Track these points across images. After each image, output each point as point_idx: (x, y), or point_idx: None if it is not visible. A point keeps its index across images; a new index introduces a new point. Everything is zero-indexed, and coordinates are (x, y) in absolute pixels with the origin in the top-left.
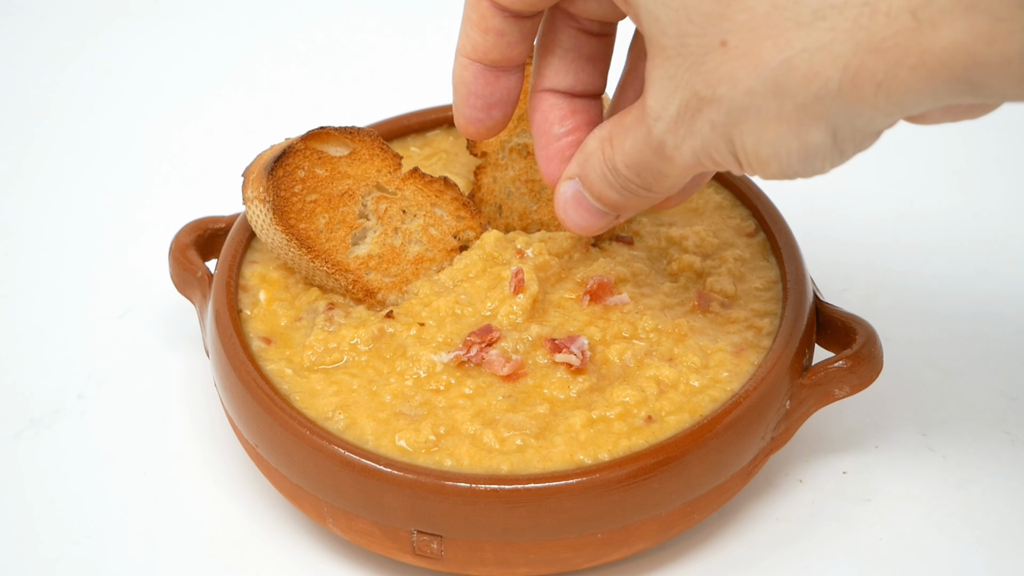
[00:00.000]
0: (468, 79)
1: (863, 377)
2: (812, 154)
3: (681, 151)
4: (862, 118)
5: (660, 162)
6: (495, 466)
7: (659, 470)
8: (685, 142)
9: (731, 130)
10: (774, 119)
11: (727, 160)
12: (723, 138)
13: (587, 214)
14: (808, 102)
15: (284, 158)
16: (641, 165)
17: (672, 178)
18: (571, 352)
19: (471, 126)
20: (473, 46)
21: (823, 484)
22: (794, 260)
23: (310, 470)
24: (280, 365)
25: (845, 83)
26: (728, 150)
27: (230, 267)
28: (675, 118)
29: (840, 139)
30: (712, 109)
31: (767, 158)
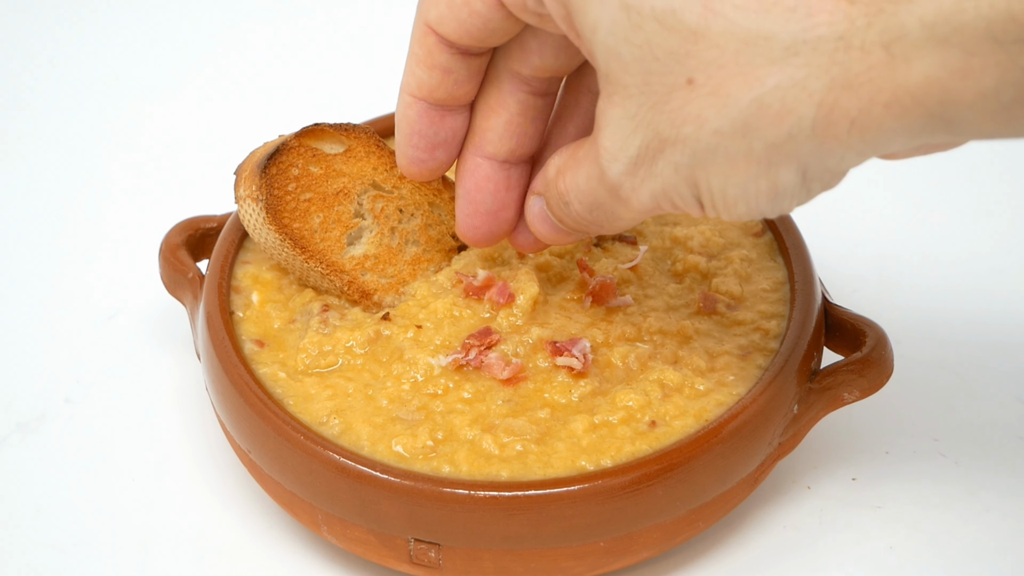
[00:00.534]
0: (412, 118)
1: (873, 381)
2: (780, 194)
3: (639, 194)
4: (833, 157)
5: (614, 203)
6: (495, 472)
7: (663, 476)
8: (644, 185)
9: (696, 172)
10: (743, 159)
11: (688, 203)
12: (686, 181)
13: (551, 231)
14: (780, 141)
15: (277, 156)
16: (594, 203)
17: (625, 220)
18: (573, 355)
19: (413, 166)
20: (418, 83)
21: (832, 491)
22: (802, 260)
23: (304, 476)
24: (273, 368)
25: (819, 121)
26: (691, 193)
27: (222, 268)
28: (634, 160)
29: (809, 178)
30: (676, 150)
31: (734, 200)
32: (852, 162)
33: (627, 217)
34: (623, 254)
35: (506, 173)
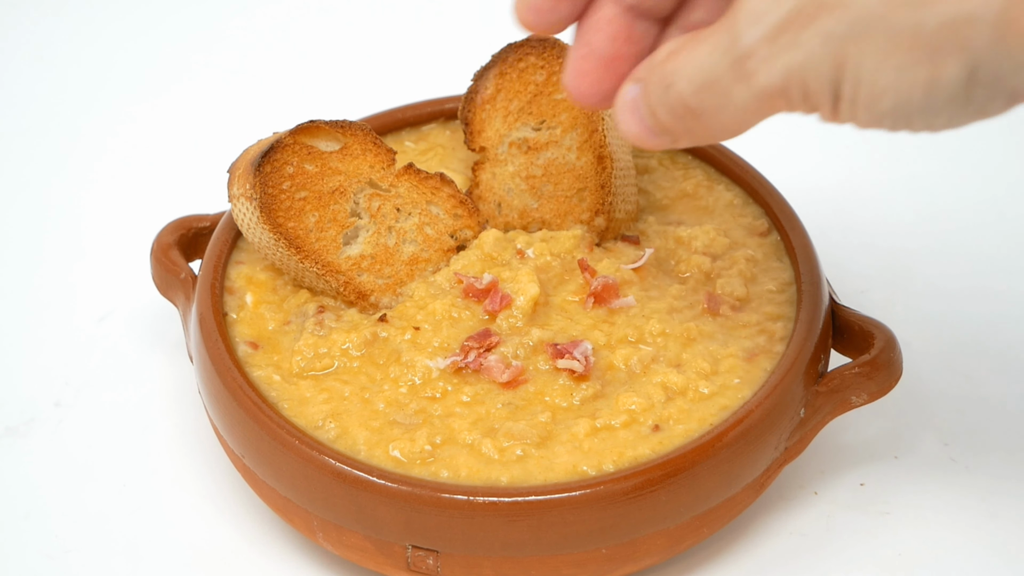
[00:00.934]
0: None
1: (881, 384)
2: (939, 91)
3: (769, 67)
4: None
5: (732, 81)
6: (494, 477)
7: (667, 481)
8: (780, 57)
9: (848, 47)
10: (908, 38)
11: (821, 91)
12: (832, 57)
13: (638, 126)
14: (957, 21)
15: (272, 153)
16: (705, 82)
17: (734, 109)
18: (574, 357)
19: (531, 14)
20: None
21: (840, 496)
22: (809, 261)
23: (299, 482)
24: (268, 371)
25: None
26: (831, 76)
27: (215, 268)
28: (780, 23)
29: (975, 82)
30: (832, 17)
31: (882, 90)
32: None
33: (737, 106)
34: (625, 254)
35: (629, 22)
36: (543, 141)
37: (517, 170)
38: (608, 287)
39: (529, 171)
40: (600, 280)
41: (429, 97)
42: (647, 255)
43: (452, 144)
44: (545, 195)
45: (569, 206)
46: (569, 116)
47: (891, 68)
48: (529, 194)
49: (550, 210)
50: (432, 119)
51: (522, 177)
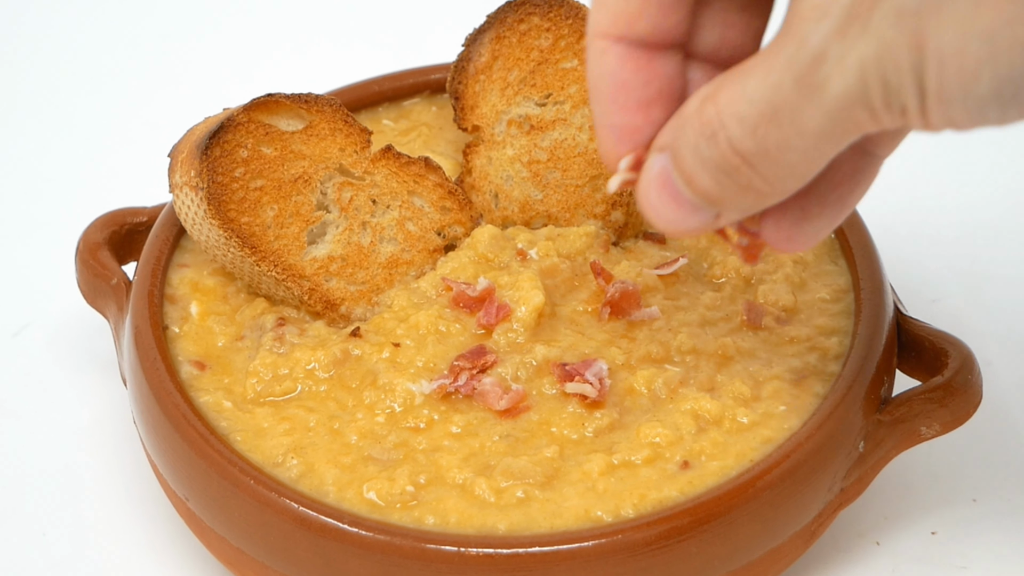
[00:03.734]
0: (611, 66)
1: (957, 412)
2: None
3: (843, 67)
4: None
5: (800, 101)
6: (490, 525)
7: (698, 530)
8: (854, 48)
9: (925, 20)
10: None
11: (905, 84)
12: (910, 38)
13: (674, 204)
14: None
15: (222, 134)
16: (766, 114)
17: (804, 141)
18: (586, 380)
19: (625, 141)
20: (612, 17)
21: (907, 548)
22: (870, 263)
23: (255, 530)
24: (217, 396)
25: None
26: (911, 62)
27: (153, 272)
28: (848, 11)
29: None
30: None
31: (976, 62)
32: None
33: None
34: (648, 256)
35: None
36: (548, 119)
37: (517, 154)
38: (627, 295)
39: (532, 155)
40: (617, 287)
41: (411, 66)
42: (680, 263)
43: (439, 123)
44: (551, 184)
45: (580, 197)
46: (580, 88)
47: (980, 35)
48: (532, 183)
49: (557, 202)
50: (415, 92)
51: (523, 162)
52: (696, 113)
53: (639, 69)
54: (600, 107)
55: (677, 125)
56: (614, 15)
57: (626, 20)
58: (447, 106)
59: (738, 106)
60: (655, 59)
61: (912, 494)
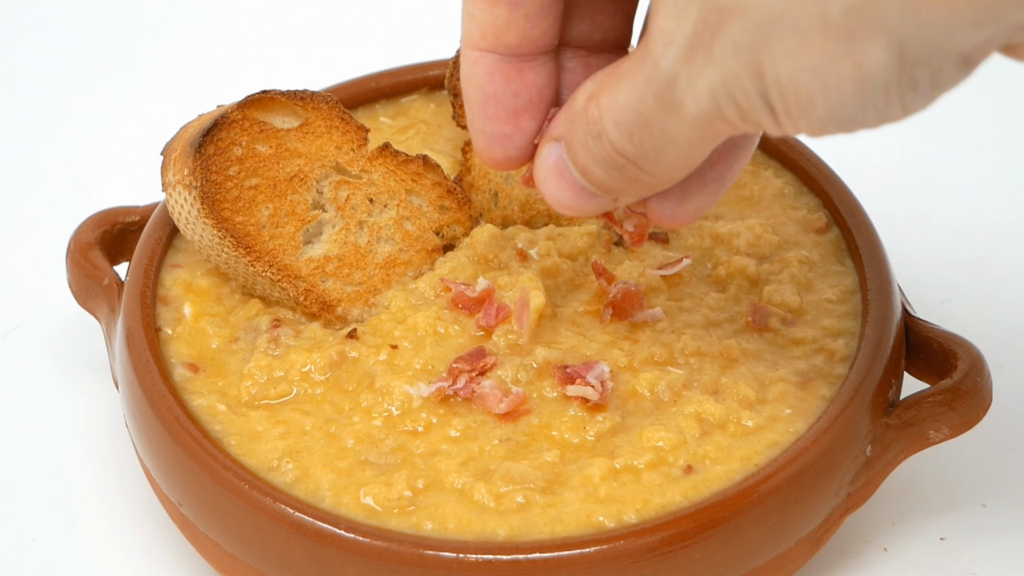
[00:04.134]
0: (480, 77)
1: (966, 415)
2: (872, 83)
3: (695, 90)
4: (939, 28)
5: (664, 114)
6: (489, 530)
7: (702, 536)
8: (701, 76)
9: (760, 54)
10: (817, 31)
11: (754, 105)
12: (749, 67)
13: (572, 191)
14: (861, 2)
15: (216, 131)
16: (637, 123)
17: (676, 145)
18: (587, 383)
19: (495, 147)
20: (480, 29)
21: (915, 554)
22: (877, 263)
23: (250, 536)
24: (211, 399)
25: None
26: (756, 87)
27: (146, 273)
28: (690, 41)
29: (910, 60)
30: (736, 24)
31: (809, 93)
32: (967, 38)
33: (679, 138)
34: (652, 255)
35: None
36: None
37: None
38: (630, 296)
39: None
40: (620, 287)
41: (409, 62)
42: (683, 264)
43: (438, 120)
44: None
45: None
46: None
47: (809, 69)
48: None
49: None
50: (413, 89)
51: None
52: (583, 111)
53: (509, 81)
54: (472, 113)
55: (568, 119)
56: (483, 27)
57: (495, 32)
58: (446, 103)
59: (614, 113)
60: (525, 69)
61: (920, 499)
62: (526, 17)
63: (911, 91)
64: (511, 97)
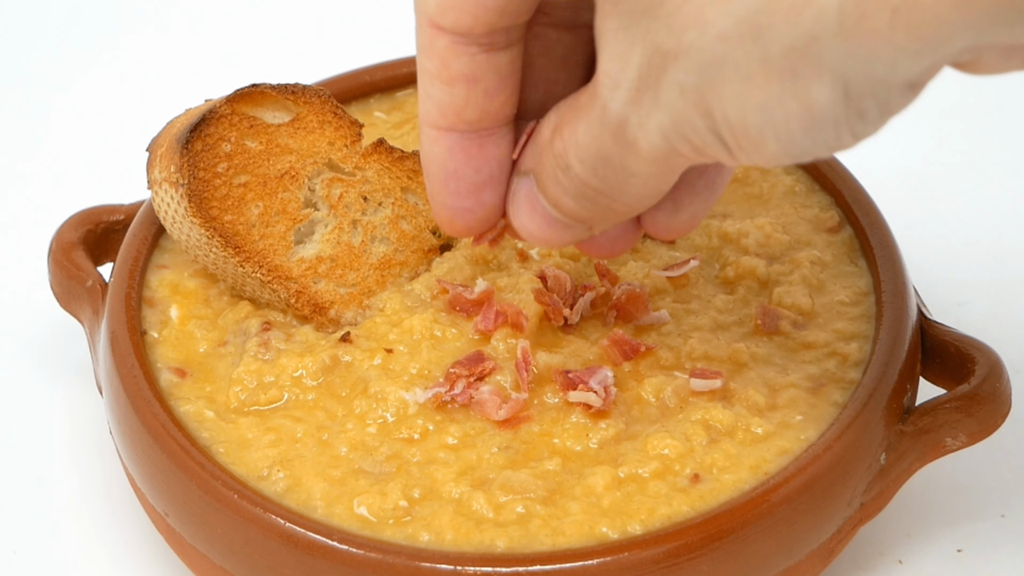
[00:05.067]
0: (442, 156)
1: (984, 422)
2: (819, 119)
3: (647, 132)
4: (880, 62)
5: (622, 152)
6: (488, 542)
7: (709, 548)
8: (651, 118)
9: (706, 95)
10: (760, 72)
11: (708, 142)
12: (697, 108)
13: (545, 224)
14: (800, 44)
15: (204, 126)
16: (598, 158)
17: (640, 177)
18: (590, 388)
19: (458, 219)
20: (440, 108)
21: (931, 566)
22: (892, 264)
23: (239, 547)
24: (198, 405)
25: (848, 13)
26: (707, 126)
27: (131, 274)
28: (636, 85)
29: (856, 94)
30: (679, 66)
31: (759, 131)
32: (909, 69)
33: (640, 171)
34: (657, 256)
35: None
36: None
37: None
38: (634, 298)
39: None
40: (624, 289)
41: (405, 55)
42: (691, 265)
43: None
44: None
45: None
46: None
47: (756, 108)
48: None
49: None
50: (409, 82)
51: None
52: (549, 144)
53: (470, 158)
54: (433, 188)
55: (536, 152)
56: (441, 106)
57: (454, 110)
58: None
59: (576, 150)
60: (486, 143)
61: (936, 509)
62: (484, 93)
63: (860, 121)
64: (473, 174)
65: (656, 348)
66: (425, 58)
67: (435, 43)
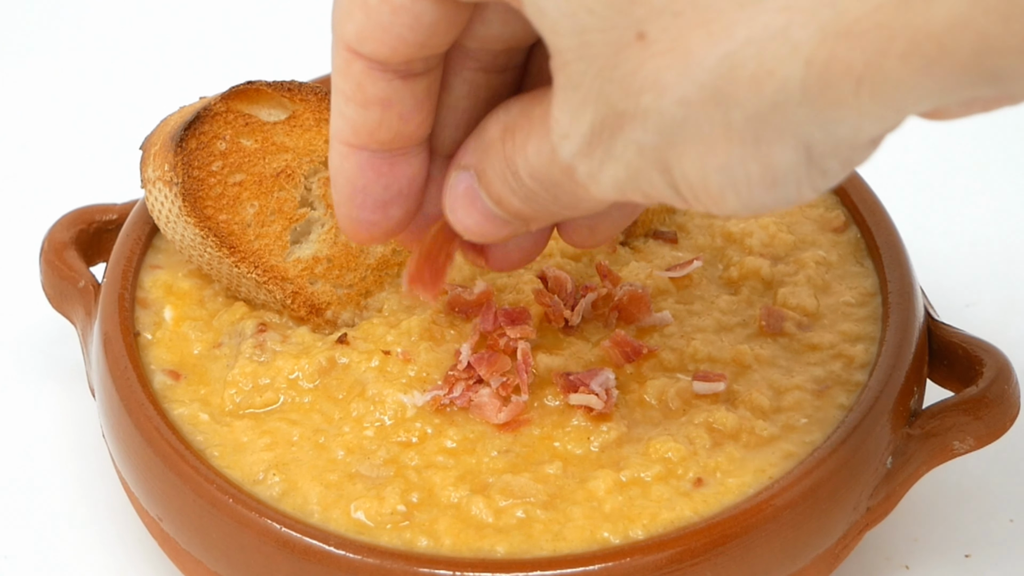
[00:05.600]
0: (351, 172)
1: (992, 425)
2: (781, 180)
3: (599, 181)
4: (844, 126)
5: (572, 186)
6: (488, 547)
7: (713, 553)
8: (604, 170)
9: (666, 154)
10: (722, 136)
11: (663, 193)
12: (655, 165)
13: (481, 217)
14: (763, 111)
15: (198, 124)
16: (549, 181)
17: (590, 203)
18: (591, 391)
19: (361, 231)
20: (353, 128)
21: (939, 572)
22: (898, 264)
23: (234, 552)
24: (192, 408)
25: (811, 82)
26: (664, 181)
27: (124, 274)
28: (587, 139)
29: (818, 155)
30: (637, 127)
31: (719, 190)
32: (873, 129)
33: (588, 201)
34: (658, 256)
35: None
36: None
37: None
38: (636, 298)
39: None
40: (626, 289)
41: None
42: (694, 266)
43: None
44: None
45: None
46: None
47: (716, 170)
48: None
49: None
50: None
51: None
52: (500, 144)
53: (380, 175)
54: (339, 200)
55: (481, 148)
56: (354, 126)
57: (367, 131)
58: None
59: (528, 164)
60: (398, 162)
61: (944, 514)
62: (399, 116)
63: (822, 178)
64: (381, 191)
65: (658, 350)
66: (340, 78)
67: (351, 66)
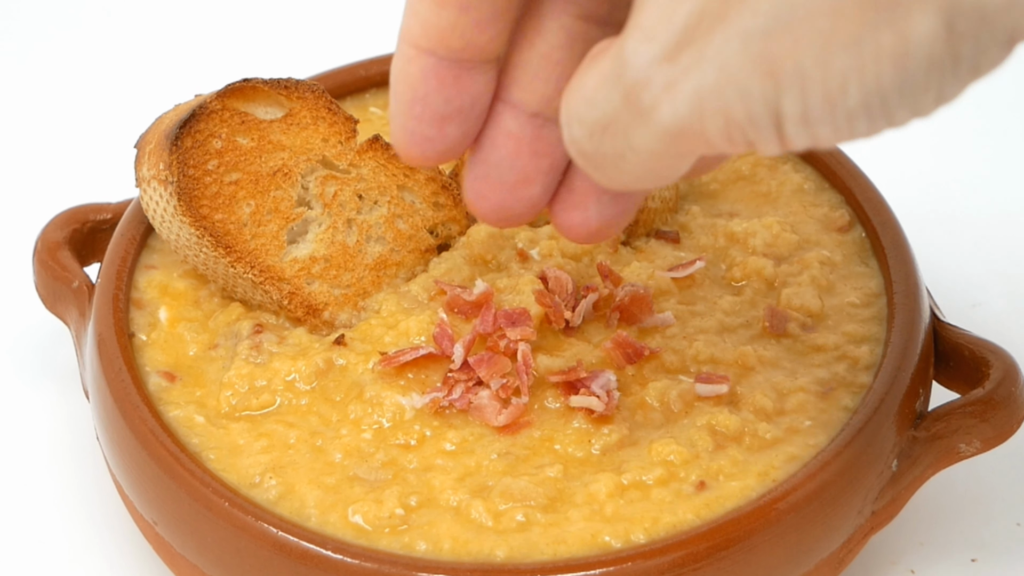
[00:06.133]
0: (414, 77)
1: (999, 427)
2: (916, 56)
3: (674, 95)
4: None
5: (629, 119)
6: (488, 551)
7: (715, 557)
8: (687, 78)
9: (777, 44)
10: (853, 3)
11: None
12: (759, 64)
13: None
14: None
15: (194, 122)
16: (600, 122)
17: (639, 156)
18: (592, 393)
19: (414, 146)
20: (423, 27)
21: None
22: (903, 265)
23: (230, 557)
24: (188, 410)
25: None
26: (762, 93)
27: (119, 274)
28: (678, 38)
29: (958, 33)
30: (746, 12)
31: (843, 75)
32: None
33: (638, 150)
34: (660, 256)
35: (536, 131)
36: None
37: None
38: (638, 299)
39: None
40: (627, 290)
41: None
42: (697, 266)
43: None
44: None
45: None
46: None
47: (843, 47)
48: None
49: None
50: None
51: None
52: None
53: (443, 86)
54: (396, 108)
55: None
56: (426, 26)
57: (438, 34)
58: None
59: (579, 107)
60: (463, 76)
61: (950, 517)
62: (475, 22)
63: (952, 71)
64: (442, 103)
65: (660, 351)
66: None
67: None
